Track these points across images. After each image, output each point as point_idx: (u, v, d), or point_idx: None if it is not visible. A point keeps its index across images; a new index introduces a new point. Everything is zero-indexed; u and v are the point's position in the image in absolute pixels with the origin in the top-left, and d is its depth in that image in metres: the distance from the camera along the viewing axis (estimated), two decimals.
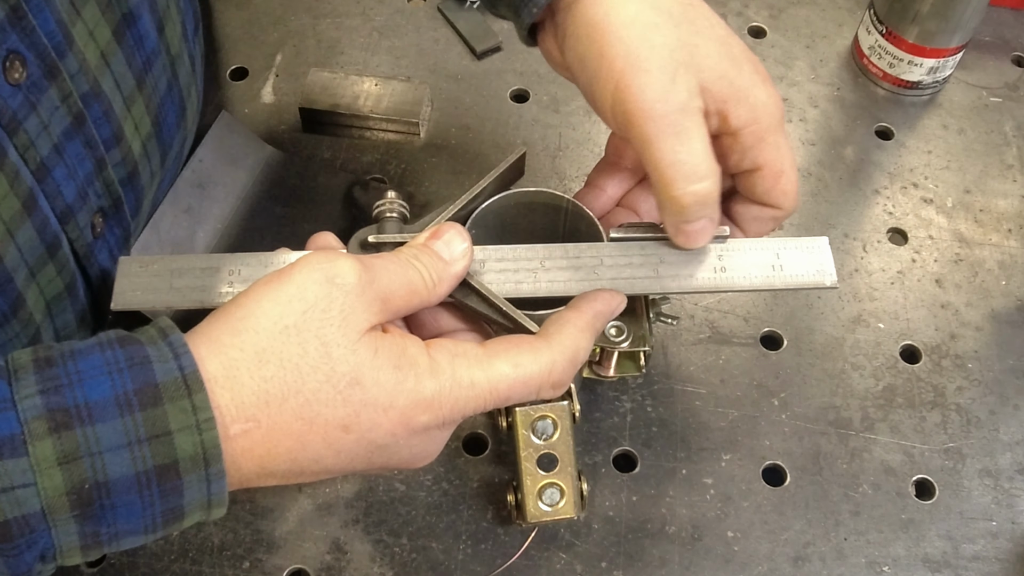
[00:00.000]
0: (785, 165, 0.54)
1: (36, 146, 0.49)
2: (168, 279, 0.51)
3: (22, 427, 0.38)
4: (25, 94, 0.47)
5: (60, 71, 0.49)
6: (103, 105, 0.53)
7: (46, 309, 0.52)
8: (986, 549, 0.63)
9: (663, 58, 0.50)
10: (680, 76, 0.50)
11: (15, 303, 0.49)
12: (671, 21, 0.52)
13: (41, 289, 0.51)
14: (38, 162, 0.49)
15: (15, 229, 0.48)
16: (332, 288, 0.44)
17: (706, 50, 0.52)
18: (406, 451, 0.46)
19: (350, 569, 0.61)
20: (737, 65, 0.53)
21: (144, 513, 0.41)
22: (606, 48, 0.51)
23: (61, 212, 0.52)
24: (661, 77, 0.50)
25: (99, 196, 0.55)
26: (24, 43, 0.46)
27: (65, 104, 0.50)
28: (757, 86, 0.53)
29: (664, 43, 0.51)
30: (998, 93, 0.84)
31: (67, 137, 0.51)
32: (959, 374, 0.70)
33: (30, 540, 0.39)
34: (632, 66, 0.50)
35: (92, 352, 0.41)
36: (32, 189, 0.49)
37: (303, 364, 0.42)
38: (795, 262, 0.55)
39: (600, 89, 0.52)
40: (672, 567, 0.62)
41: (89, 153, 0.53)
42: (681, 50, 0.51)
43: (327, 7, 0.87)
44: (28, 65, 0.47)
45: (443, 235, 0.50)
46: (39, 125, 0.48)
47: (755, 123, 0.53)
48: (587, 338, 0.50)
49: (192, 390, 0.40)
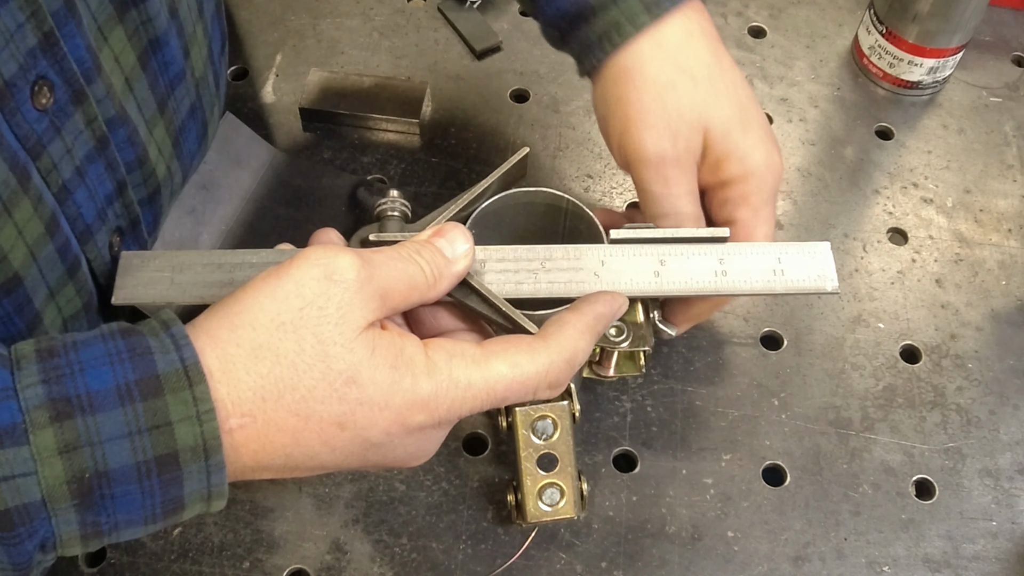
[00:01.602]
0: (757, 231, 0.58)
1: (59, 169, 0.48)
2: (169, 274, 0.52)
3: (23, 416, 0.39)
4: (51, 119, 0.47)
5: (87, 96, 0.48)
6: (128, 130, 0.53)
7: (63, 327, 0.53)
8: (986, 549, 0.63)
9: (671, 118, 0.57)
10: (682, 134, 0.57)
11: (32, 322, 0.49)
12: (691, 82, 0.58)
13: (60, 308, 0.51)
14: (60, 185, 0.49)
15: (38, 252, 0.48)
16: (330, 285, 0.44)
17: (719, 112, 0.58)
18: (401, 450, 0.46)
19: (350, 569, 0.61)
20: (745, 129, 0.58)
21: (144, 503, 0.41)
22: (624, 96, 0.58)
23: (80, 233, 0.51)
24: (664, 134, 0.57)
25: (118, 216, 0.55)
26: (54, 69, 0.46)
27: (89, 128, 0.50)
28: (758, 151, 0.58)
29: (676, 104, 0.57)
30: (998, 93, 0.84)
31: (89, 160, 0.51)
32: (959, 374, 0.70)
33: (30, 529, 0.39)
34: (641, 119, 0.57)
35: (94, 342, 0.41)
36: (54, 211, 0.48)
37: (299, 361, 0.42)
38: (796, 267, 0.55)
39: (611, 128, 0.60)
40: (672, 567, 0.62)
41: (110, 175, 0.53)
42: (691, 111, 0.57)
43: (327, 7, 0.87)
44: (56, 90, 0.46)
45: (446, 233, 0.50)
46: (62, 149, 0.48)
47: (743, 181, 0.58)
48: (586, 340, 0.50)
49: (193, 381, 0.40)
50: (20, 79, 0.44)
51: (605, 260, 0.54)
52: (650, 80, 0.58)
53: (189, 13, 0.58)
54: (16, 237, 0.46)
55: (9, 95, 0.44)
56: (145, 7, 0.52)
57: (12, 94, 0.44)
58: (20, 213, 0.46)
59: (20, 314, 0.49)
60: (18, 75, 0.44)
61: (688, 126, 0.57)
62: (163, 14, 0.54)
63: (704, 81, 0.58)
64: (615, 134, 0.59)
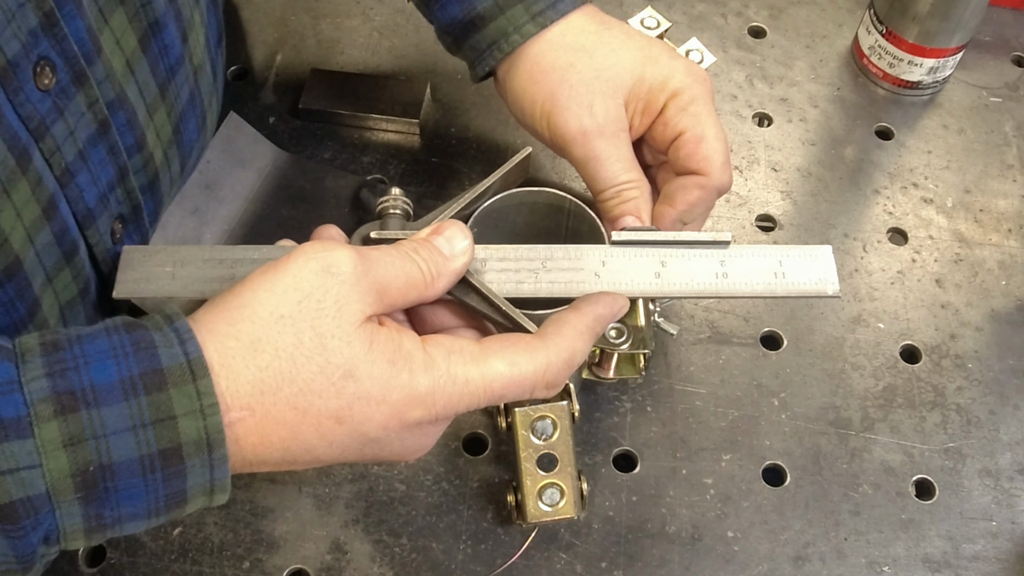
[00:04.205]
0: (706, 131, 0.59)
1: (62, 151, 0.49)
2: (171, 269, 0.52)
3: (28, 409, 0.39)
4: (54, 100, 0.47)
5: (88, 78, 0.49)
6: (127, 113, 0.53)
7: (59, 313, 0.53)
8: (986, 549, 0.63)
9: (579, 94, 0.59)
10: (597, 104, 0.59)
11: (32, 307, 0.50)
12: (585, 54, 0.60)
13: (56, 294, 0.52)
14: (63, 167, 0.49)
15: (35, 235, 0.48)
16: (327, 278, 0.44)
17: (623, 64, 0.60)
18: (398, 444, 0.46)
19: (350, 569, 0.61)
20: (654, 61, 0.60)
21: (147, 496, 0.41)
22: (529, 90, 0.61)
23: (82, 218, 0.52)
24: (579, 111, 0.59)
25: (120, 203, 0.55)
26: (55, 50, 0.46)
27: (91, 111, 0.50)
28: (675, 70, 0.60)
29: (579, 79, 0.59)
30: (998, 93, 0.84)
31: (92, 143, 0.51)
32: (959, 374, 0.70)
33: (35, 521, 0.39)
34: (554, 103, 0.60)
35: (98, 337, 0.41)
36: (54, 195, 0.49)
37: (298, 354, 0.43)
38: (798, 270, 0.55)
39: (536, 124, 0.62)
40: (672, 567, 0.62)
41: (112, 160, 0.53)
42: (597, 79, 0.59)
43: (327, 7, 0.87)
44: (57, 71, 0.47)
45: (445, 231, 0.50)
46: (66, 131, 0.48)
47: (675, 98, 0.59)
48: (585, 340, 0.50)
49: (196, 375, 0.41)
50: (23, 59, 0.44)
51: (606, 261, 0.54)
52: (548, 69, 0.60)
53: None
54: (15, 219, 0.46)
55: (12, 75, 0.44)
56: None
57: (15, 74, 0.44)
58: (18, 195, 0.46)
59: (21, 299, 0.49)
60: (20, 54, 0.44)
61: (600, 95, 0.59)
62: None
63: (600, 49, 0.60)
64: (541, 128, 0.62)
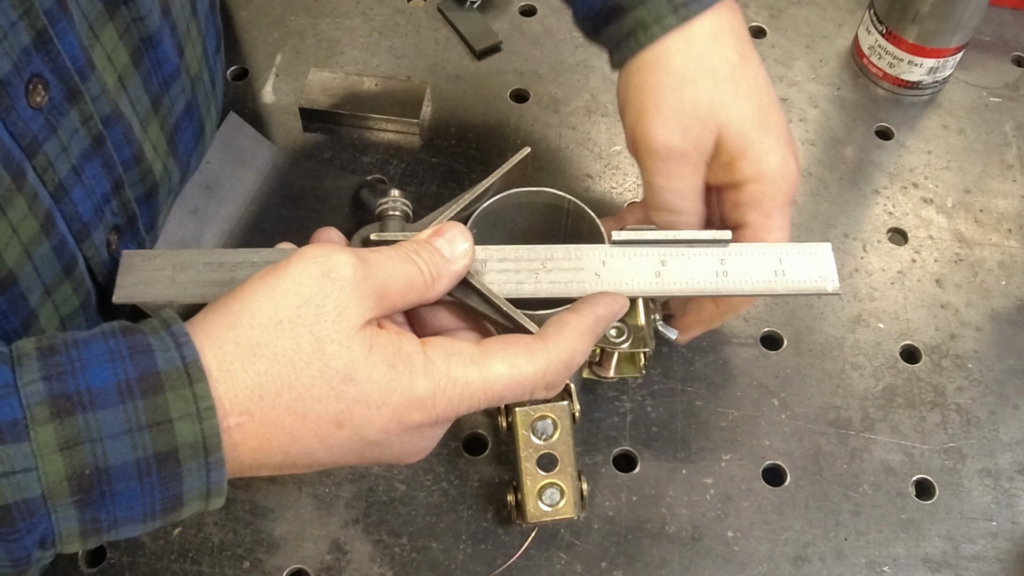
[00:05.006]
0: (768, 237, 0.58)
1: (55, 167, 0.48)
2: (170, 273, 0.52)
3: (24, 412, 0.39)
4: (46, 117, 0.47)
5: (82, 94, 0.49)
6: (123, 127, 0.53)
7: (60, 325, 0.53)
8: (986, 549, 0.63)
9: (684, 111, 0.57)
10: (692, 130, 0.57)
11: (27, 320, 0.50)
12: (712, 79, 0.57)
13: (56, 307, 0.52)
14: (56, 183, 0.49)
15: (33, 250, 0.48)
16: (327, 282, 0.44)
17: (737, 111, 0.57)
18: (398, 447, 0.46)
19: (350, 569, 0.61)
20: (763, 131, 0.58)
21: (143, 500, 0.41)
22: (643, 85, 0.58)
23: (78, 231, 0.52)
24: (674, 126, 0.57)
25: (115, 214, 0.55)
26: (48, 67, 0.46)
27: (85, 126, 0.50)
28: (774, 154, 0.58)
29: (693, 99, 0.57)
30: (998, 93, 0.84)
31: (86, 158, 0.51)
32: (959, 374, 0.70)
33: (30, 525, 0.39)
34: (655, 109, 0.57)
35: (95, 340, 0.41)
36: (50, 210, 0.49)
37: (297, 359, 0.43)
38: (797, 267, 0.55)
39: (627, 115, 0.60)
40: (672, 567, 0.62)
41: (107, 173, 0.53)
42: (707, 107, 0.57)
43: (327, 7, 0.87)
44: (50, 88, 0.47)
45: (445, 233, 0.50)
46: (58, 147, 0.48)
47: (756, 183, 0.57)
48: (585, 341, 0.50)
49: (193, 379, 0.41)
50: (14, 77, 0.44)
51: (606, 260, 0.54)
52: (672, 72, 0.57)
53: (182, 11, 0.58)
54: (10, 235, 0.46)
55: (4, 93, 0.44)
56: (135, 5, 0.52)
57: (7, 92, 0.44)
58: (14, 211, 0.46)
59: (15, 312, 0.49)
60: (12, 73, 0.44)
61: (700, 123, 0.57)
62: (155, 12, 0.54)
63: (726, 79, 0.57)
64: (630, 121, 0.59)
